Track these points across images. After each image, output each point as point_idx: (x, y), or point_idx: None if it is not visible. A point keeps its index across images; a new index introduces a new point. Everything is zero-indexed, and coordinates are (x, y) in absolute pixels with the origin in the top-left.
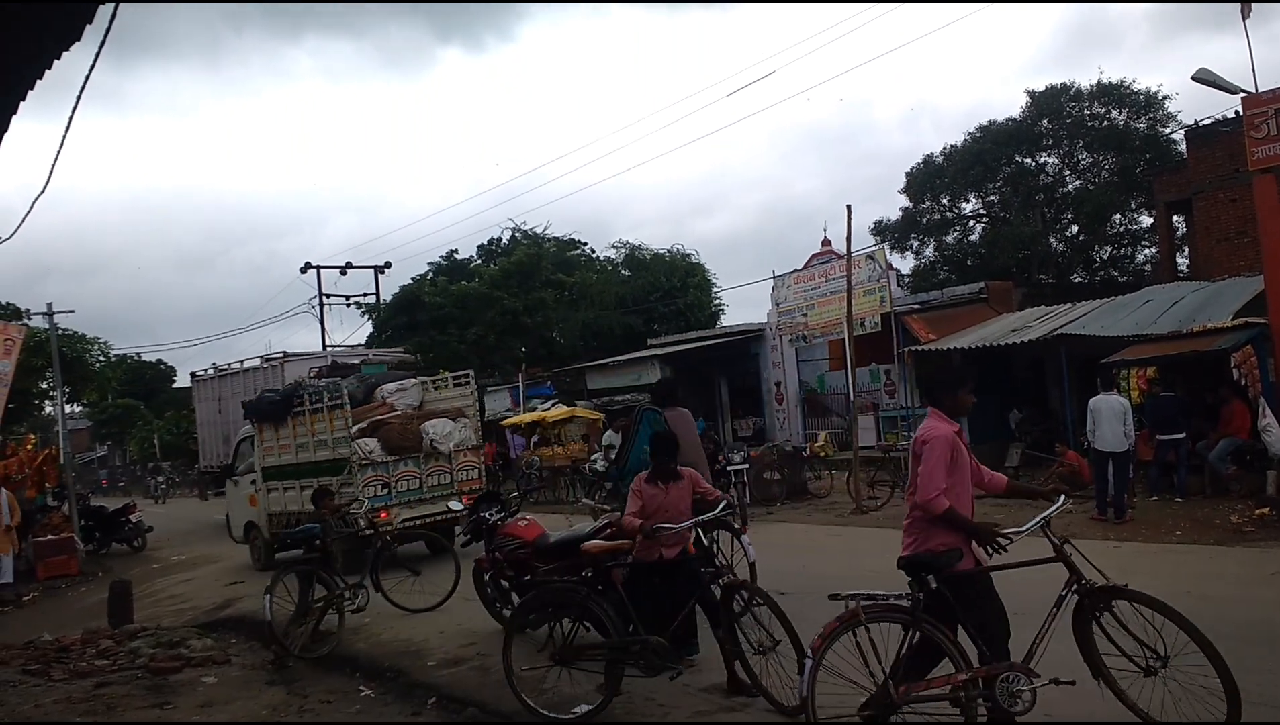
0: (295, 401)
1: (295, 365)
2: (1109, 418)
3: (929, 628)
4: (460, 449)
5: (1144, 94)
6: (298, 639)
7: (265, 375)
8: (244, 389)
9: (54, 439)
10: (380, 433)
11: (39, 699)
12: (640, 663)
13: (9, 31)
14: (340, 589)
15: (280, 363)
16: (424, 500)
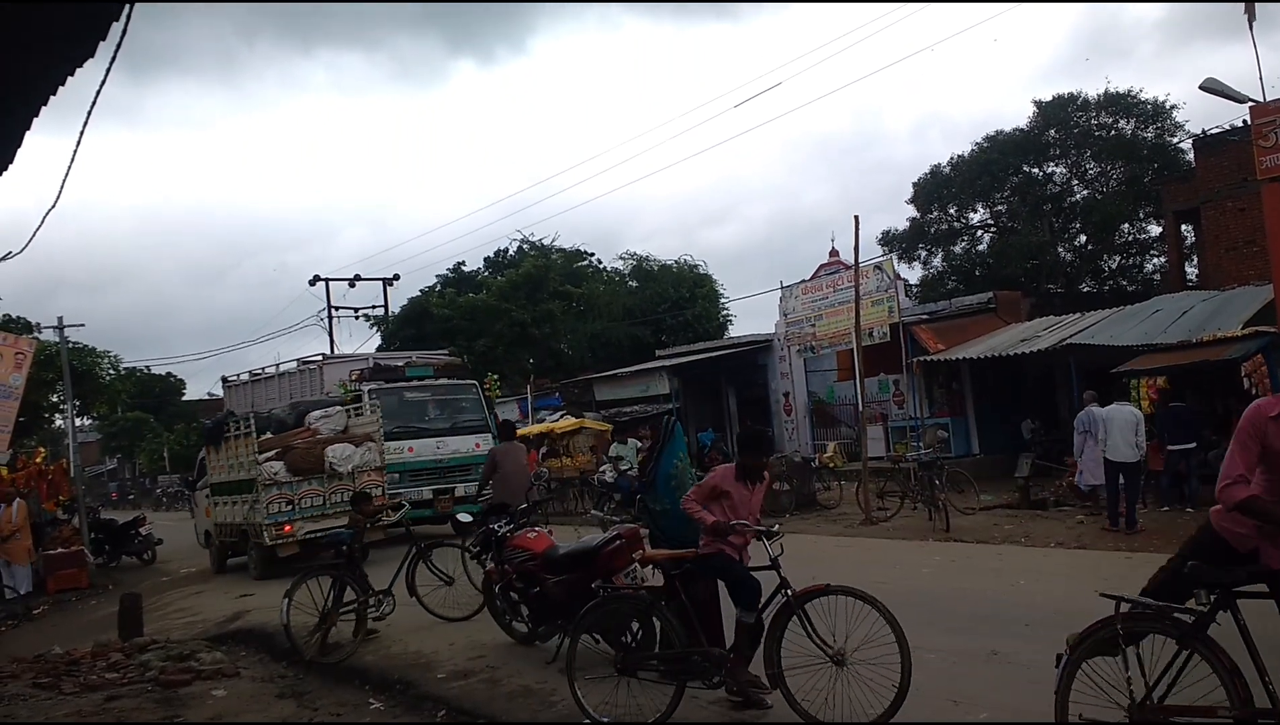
0: (225, 429)
1: (334, 368)
2: (1121, 428)
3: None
4: (362, 470)
5: (1152, 103)
6: (312, 645)
7: (302, 379)
8: (279, 394)
9: (64, 452)
10: (287, 457)
11: (49, 712)
12: (703, 675)
13: (23, 47)
14: (365, 596)
15: (318, 366)
16: (326, 515)
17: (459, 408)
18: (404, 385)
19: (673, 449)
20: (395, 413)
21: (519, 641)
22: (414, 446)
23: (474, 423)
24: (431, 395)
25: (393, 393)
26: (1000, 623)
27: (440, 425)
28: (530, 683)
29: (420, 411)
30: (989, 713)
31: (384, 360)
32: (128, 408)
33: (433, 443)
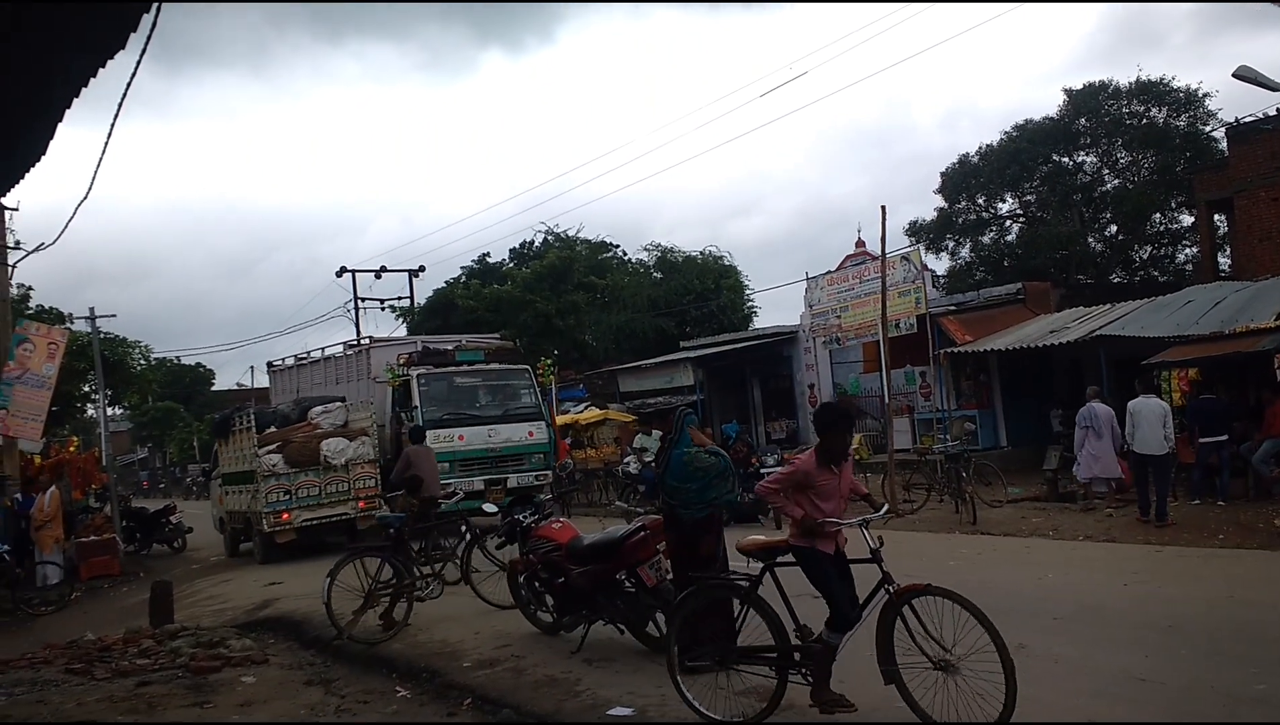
0: (231, 423)
1: (381, 352)
2: (1149, 420)
3: None
4: (356, 463)
5: (1184, 91)
6: (352, 623)
7: (348, 363)
8: (324, 379)
9: (96, 441)
10: (285, 450)
11: (82, 698)
12: (804, 670)
13: (55, 40)
14: (411, 578)
15: (365, 349)
16: (322, 504)
17: (511, 394)
18: (454, 370)
19: (685, 440)
20: (445, 399)
21: (544, 631)
22: (465, 434)
23: (527, 410)
24: (482, 380)
25: (442, 378)
26: (1028, 616)
27: (492, 412)
28: (555, 672)
29: (471, 397)
30: (1017, 707)
31: (433, 343)
32: (158, 398)
33: (484, 431)
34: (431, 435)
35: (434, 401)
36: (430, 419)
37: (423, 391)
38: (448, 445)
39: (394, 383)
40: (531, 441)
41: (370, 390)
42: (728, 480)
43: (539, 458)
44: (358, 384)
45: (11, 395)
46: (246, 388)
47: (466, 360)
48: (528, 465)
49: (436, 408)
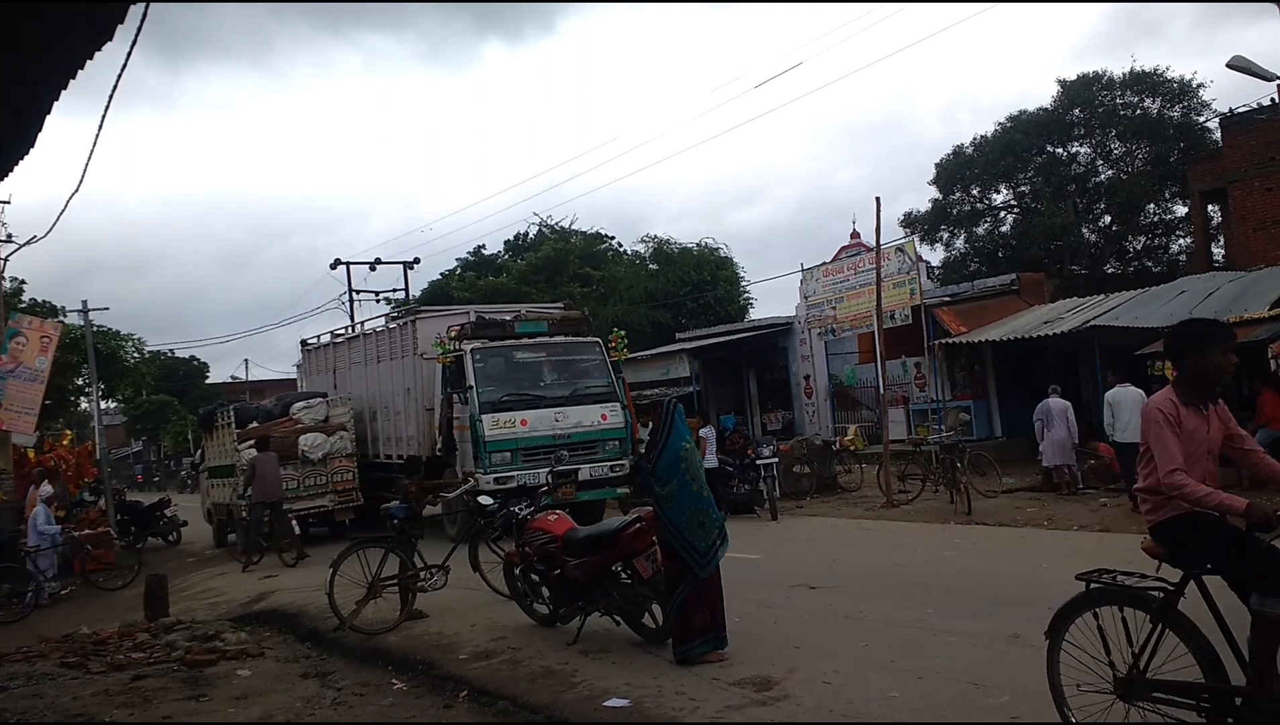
0: (215, 418)
1: (429, 323)
2: (1129, 409)
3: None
4: (333, 457)
5: (1178, 82)
6: (355, 614)
7: (390, 338)
8: (363, 356)
9: (90, 435)
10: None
11: (77, 691)
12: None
13: (38, 31)
14: (415, 569)
15: (410, 322)
16: (301, 497)
17: (580, 371)
18: (513, 343)
19: (679, 433)
20: (504, 377)
21: (539, 623)
22: (528, 419)
23: (599, 389)
24: (547, 355)
25: (499, 353)
26: (1022, 606)
27: (558, 392)
28: (551, 664)
29: (534, 376)
30: (1010, 695)
31: (489, 313)
32: (152, 391)
33: (550, 414)
34: (489, 420)
35: (491, 380)
36: (488, 401)
37: (478, 368)
38: (508, 431)
39: (444, 359)
40: (605, 426)
41: (417, 368)
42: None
43: (614, 445)
44: (401, 362)
45: (5, 389)
46: (241, 381)
47: (527, 332)
48: (601, 454)
49: (494, 387)
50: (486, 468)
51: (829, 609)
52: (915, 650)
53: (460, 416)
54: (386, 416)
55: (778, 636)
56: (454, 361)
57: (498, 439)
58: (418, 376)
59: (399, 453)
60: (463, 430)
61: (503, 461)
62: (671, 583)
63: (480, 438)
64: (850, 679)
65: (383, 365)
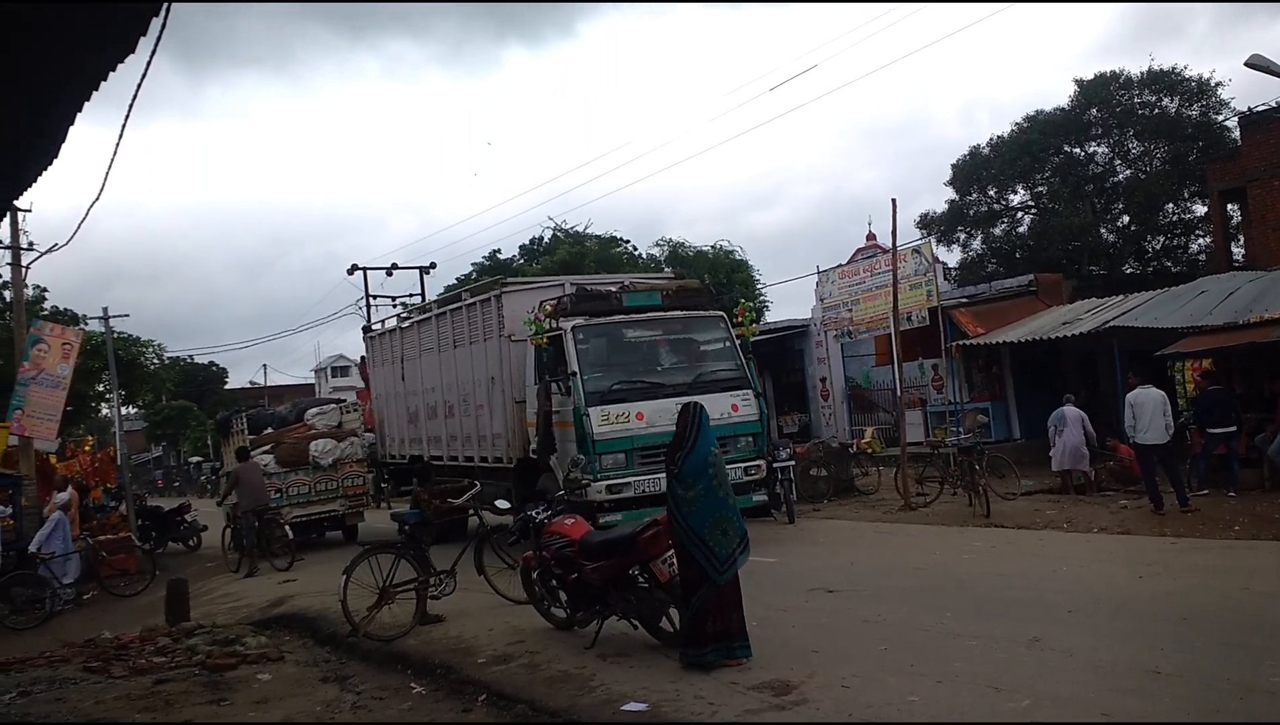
0: (230, 425)
1: (518, 297)
2: (1150, 411)
3: None
4: (344, 462)
5: (1196, 81)
6: (367, 621)
7: (470, 317)
8: (437, 341)
9: (110, 440)
10: (277, 450)
11: (99, 696)
12: None
13: (61, 44)
14: (425, 575)
15: (495, 296)
16: (312, 502)
17: (702, 352)
18: (622, 320)
19: (706, 437)
20: (611, 360)
21: (557, 627)
22: (644, 411)
23: (727, 373)
24: (663, 333)
25: (606, 331)
26: (1042, 609)
27: (679, 379)
28: (569, 668)
29: (648, 359)
30: (1030, 700)
31: (591, 284)
32: (172, 396)
33: (670, 406)
34: (598, 413)
35: (598, 364)
36: (595, 390)
37: (581, 351)
38: (620, 427)
39: (539, 340)
40: (737, 418)
41: (503, 351)
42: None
43: (747, 442)
44: (483, 346)
45: (27, 395)
46: (259, 386)
47: (637, 306)
48: (733, 453)
49: (602, 373)
50: (596, 473)
51: (847, 612)
52: (934, 654)
53: (560, 410)
54: (466, 411)
55: (796, 640)
56: (551, 343)
57: (609, 437)
58: (504, 363)
59: (482, 455)
60: (564, 427)
61: (615, 465)
62: (688, 588)
63: (588, 436)
64: (869, 683)
65: (460, 351)
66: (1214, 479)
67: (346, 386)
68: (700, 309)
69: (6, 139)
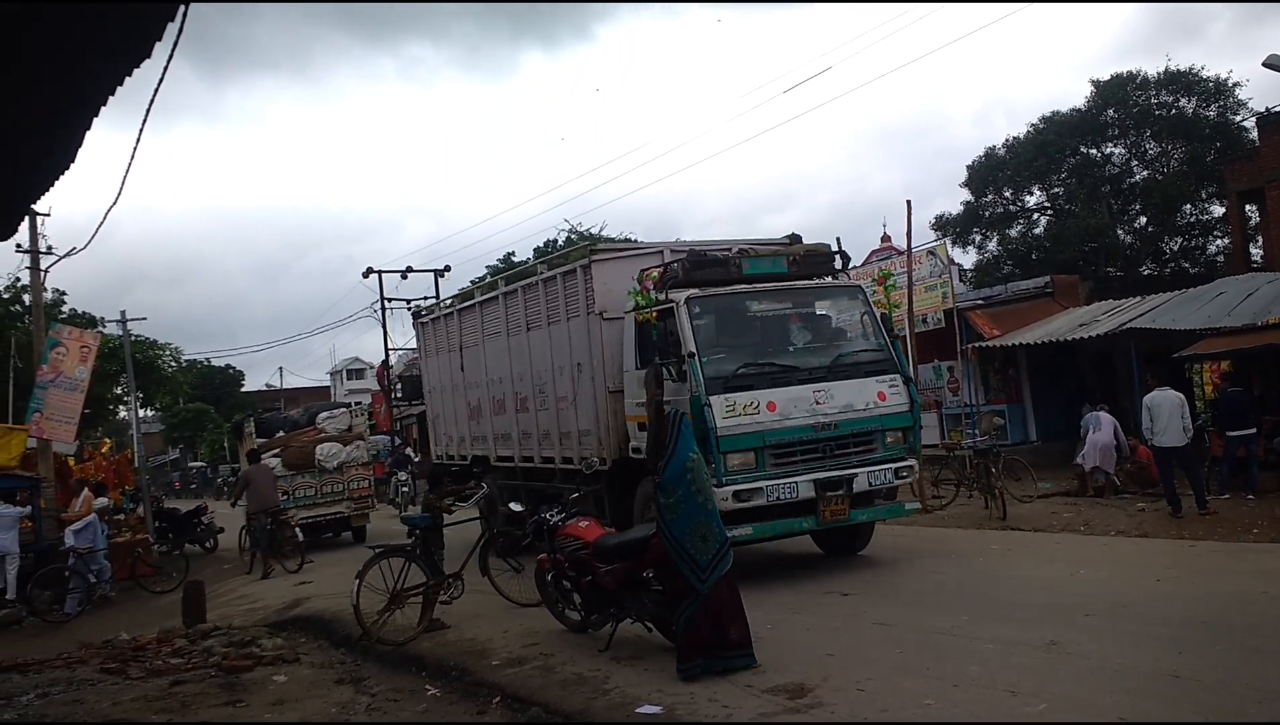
0: (243, 428)
1: (611, 268)
2: (1169, 413)
3: None
4: (350, 465)
5: (1213, 81)
6: (379, 625)
7: (550, 294)
8: (504, 325)
9: (128, 442)
10: (284, 454)
11: (116, 697)
12: None
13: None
14: (435, 580)
15: (583, 266)
16: (318, 504)
17: (838, 329)
18: (744, 290)
19: (685, 443)
20: (735, 339)
21: (571, 629)
22: (776, 400)
23: (870, 356)
24: (791, 307)
25: (724, 304)
26: (1059, 612)
27: (814, 361)
28: (583, 670)
29: (776, 337)
30: (1047, 704)
31: (704, 248)
32: (189, 399)
33: (807, 393)
34: (721, 404)
35: (719, 344)
36: (716, 374)
37: (698, 327)
38: (749, 420)
39: (646, 315)
40: (885, 408)
41: (592, 332)
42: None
43: (896, 438)
44: (567, 325)
45: (45, 398)
46: (275, 389)
47: (759, 274)
48: (880, 452)
49: (724, 354)
50: (722, 476)
51: (862, 615)
52: (950, 657)
53: (673, 400)
54: (543, 405)
55: (810, 643)
56: (661, 316)
57: (736, 432)
58: (593, 346)
59: (565, 455)
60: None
61: (744, 466)
62: (676, 598)
63: (711, 431)
64: (884, 686)
65: (535, 334)
66: (1232, 482)
67: (361, 389)
68: (831, 277)
69: (22, 144)
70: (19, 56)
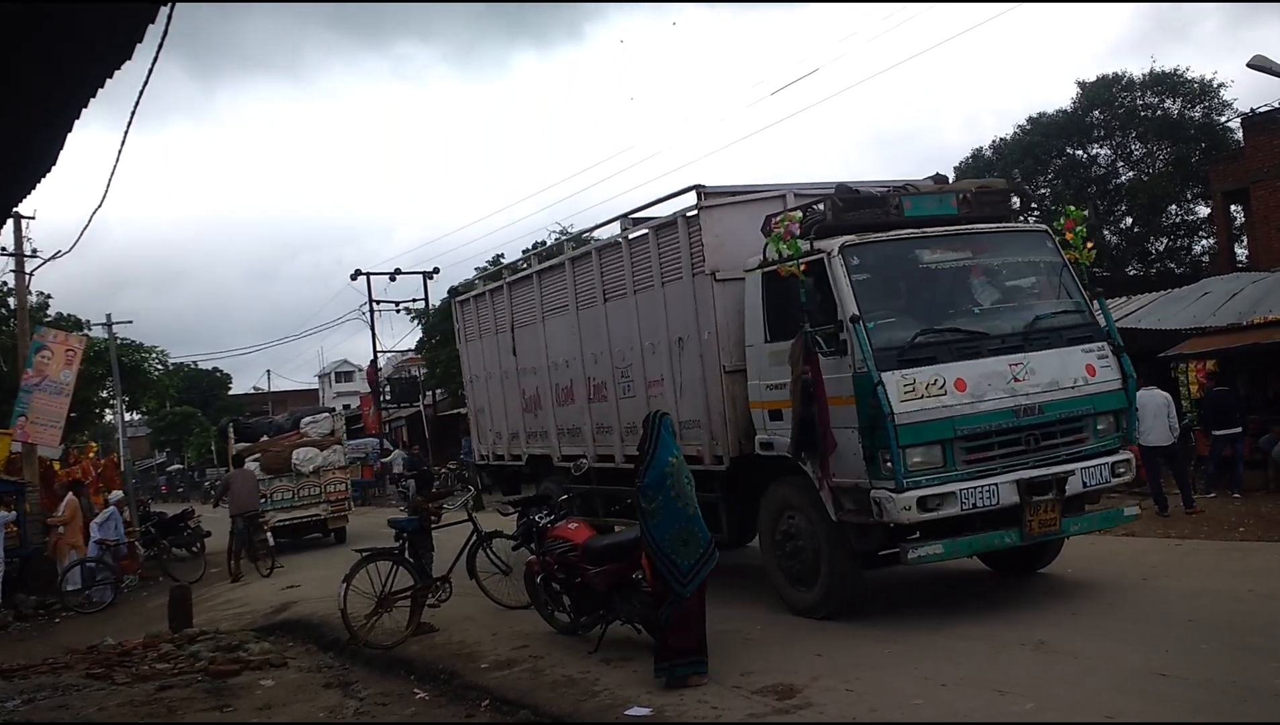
0: (227, 433)
1: (725, 215)
2: (1154, 412)
3: None
4: (326, 469)
5: (1198, 82)
6: (366, 629)
7: (639, 255)
8: (572, 297)
9: (114, 446)
10: (263, 458)
11: (102, 702)
12: None
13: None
14: (423, 583)
15: (690, 215)
16: (295, 507)
17: (1028, 287)
18: (913, 235)
19: (665, 446)
20: (899, 298)
21: (561, 632)
22: (965, 377)
23: (1070, 319)
24: (971, 256)
25: (890, 254)
26: (1046, 612)
27: (1005, 326)
28: (573, 672)
29: (954, 294)
30: (1035, 702)
31: (855, 184)
32: (175, 402)
33: (1003, 368)
34: (897, 382)
35: (885, 304)
36: (886, 343)
37: (858, 283)
38: (934, 403)
39: (791, 269)
40: (1095, 386)
41: (701, 297)
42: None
43: (1109, 424)
44: (662, 291)
45: (30, 402)
46: (263, 392)
47: (923, 216)
48: (1091, 442)
49: (895, 320)
50: (902, 477)
51: (848, 615)
52: (939, 657)
53: (838, 378)
54: (628, 390)
55: (800, 643)
56: (811, 270)
57: (918, 419)
58: (702, 315)
59: None
60: (837, 403)
61: (927, 464)
62: (656, 601)
63: (886, 418)
64: (873, 686)
65: (615, 305)
66: (1218, 480)
67: (350, 391)
68: (1008, 220)
69: (3, 145)
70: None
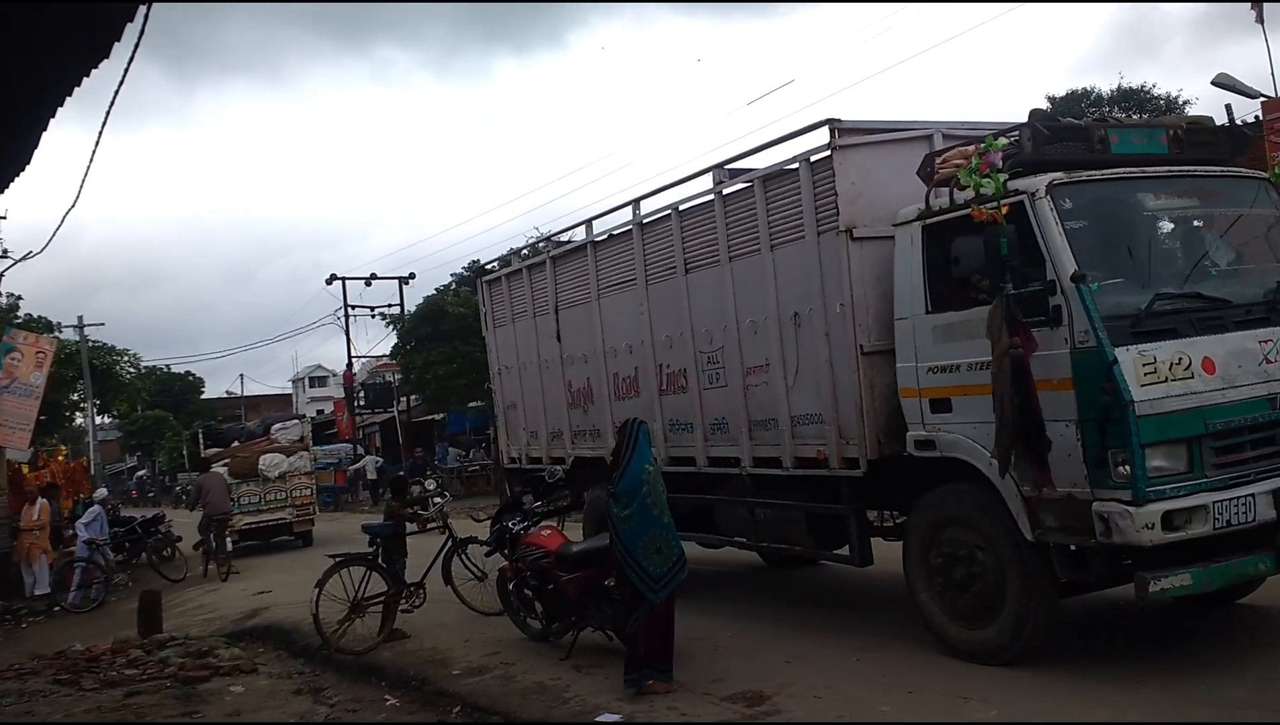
0: (199, 438)
1: (865, 158)
2: None
3: None
4: (292, 474)
5: (1164, 99)
6: (339, 635)
7: (744, 206)
8: (643, 267)
9: (85, 450)
10: (231, 463)
11: (69, 709)
12: None
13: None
14: (396, 589)
15: (809, 161)
16: (262, 511)
17: (1260, 245)
18: (1131, 175)
19: (642, 452)
20: (1121, 255)
21: (533, 638)
22: (1210, 355)
23: None
24: (1199, 204)
25: (1103, 196)
26: None
27: (1247, 291)
28: (544, 679)
29: (1183, 251)
30: (999, 710)
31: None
32: (147, 406)
33: (1253, 346)
34: (1134, 361)
35: (1105, 260)
36: (1114, 312)
37: (1072, 231)
38: (1180, 388)
39: (991, 212)
40: None
41: (826, 262)
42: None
43: None
44: (770, 256)
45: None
46: (236, 396)
47: (1131, 154)
48: None
49: (1121, 281)
50: (1142, 487)
51: (821, 623)
52: (908, 665)
53: (1045, 356)
54: (717, 379)
55: (769, 651)
56: (1012, 213)
57: (1164, 409)
58: (828, 283)
59: (766, 455)
60: (1050, 388)
61: (1170, 468)
62: (626, 608)
63: (1126, 408)
64: (842, 694)
65: (701, 276)
66: None
67: (324, 396)
68: (1222, 164)
69: None
70: None
